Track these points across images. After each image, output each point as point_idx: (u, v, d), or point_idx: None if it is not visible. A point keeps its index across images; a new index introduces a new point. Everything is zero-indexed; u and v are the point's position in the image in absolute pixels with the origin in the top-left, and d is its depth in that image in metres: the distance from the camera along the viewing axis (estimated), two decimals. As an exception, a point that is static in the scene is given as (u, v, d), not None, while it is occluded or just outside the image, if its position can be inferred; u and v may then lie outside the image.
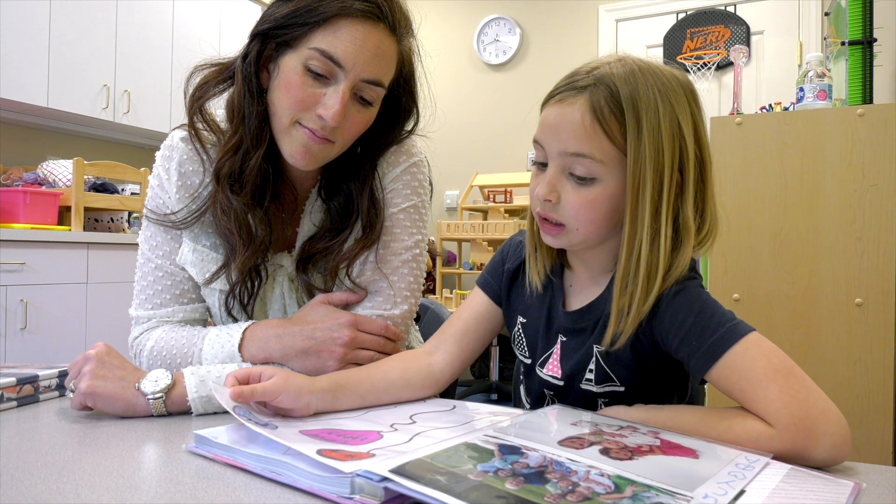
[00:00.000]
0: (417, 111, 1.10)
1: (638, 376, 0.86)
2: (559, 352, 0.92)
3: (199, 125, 1.03)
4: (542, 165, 0.86)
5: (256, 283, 1.04)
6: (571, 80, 0.83)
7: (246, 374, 0.80)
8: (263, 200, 1.03)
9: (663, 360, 0.84)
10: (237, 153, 0.99)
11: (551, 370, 0.93)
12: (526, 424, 0.75)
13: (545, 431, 0.72)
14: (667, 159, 0.79)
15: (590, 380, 0.88)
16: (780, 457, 0.68)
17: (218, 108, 1.05)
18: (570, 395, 0.91)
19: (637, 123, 0.78)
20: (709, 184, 0.84)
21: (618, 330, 0.82)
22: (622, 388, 0.87)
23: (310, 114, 0.95)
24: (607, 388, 0.88)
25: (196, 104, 1.02)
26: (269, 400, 0.78)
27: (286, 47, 0.96)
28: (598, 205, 0.81)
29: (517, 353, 1.01)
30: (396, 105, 1.07)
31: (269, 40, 0.97)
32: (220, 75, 1.03)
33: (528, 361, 0.98)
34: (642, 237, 0.79)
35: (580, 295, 0.92)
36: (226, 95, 1.03)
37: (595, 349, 0.87)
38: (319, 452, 0.61)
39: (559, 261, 0.96)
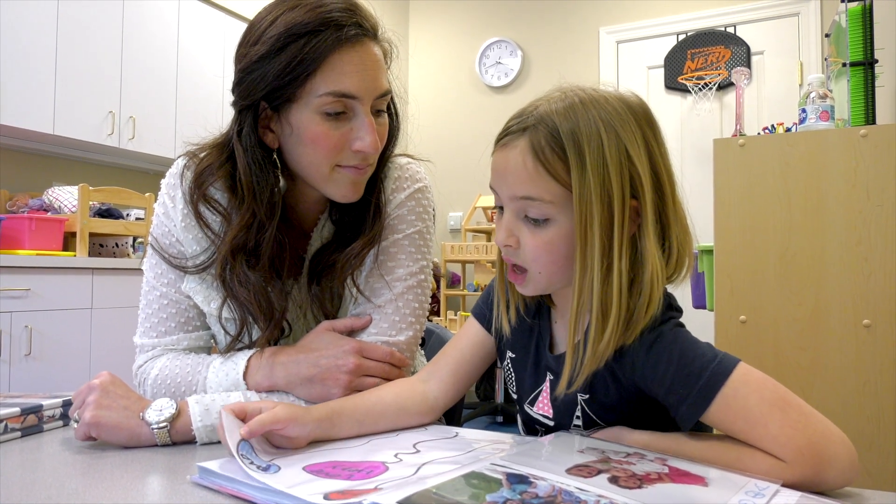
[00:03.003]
0: (396, 109, 1.08)
1: (627, 421, 0.84)
2: (548, 391, 0.90)
3: (204, 210, 1.01)
4: (501, 209, 0.85)
5: (279, 337, 1.04)
6: (514, 121, 0.82)
7: (241, 409, 0.78)
8: (281, 272, 1.02)
9: (652, 402, 0.81)
10: (250, 228, 0.98)
11: (542, 409, 0.91)
12: (532, 452, 0.74)
13: (552, 459, 0.71)
14: (615, 191, 0.76)
15: (578, 425, 0.87)
16: (792, 486, 0.67)
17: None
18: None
19: (580, 159, 0.76)
20: (670, 211, 0.80)
21: (574, 370, 0.80)
22: None
23: (346, 153, 0.96)
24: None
25: (199, 191, 1.01)
26: (278, 428, 0.76)
27: (287, 103, 0.94)
28: (556, 246, 0.80)
29: (507, 386, 1.00)
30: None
31: (261, 105, 0.96)
32: (219, 157, 1.01)
33: (515, 397, 0.97)
34: (594, 274, 0.77)
35: (563, 337, 0.90)
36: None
37: (579, 397, 0.85)
38: (327, 497, 0.60)
39: (542, 300, 0.94)
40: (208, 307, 1.03)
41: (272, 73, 0.91)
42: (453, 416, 1.29)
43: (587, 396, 0.84)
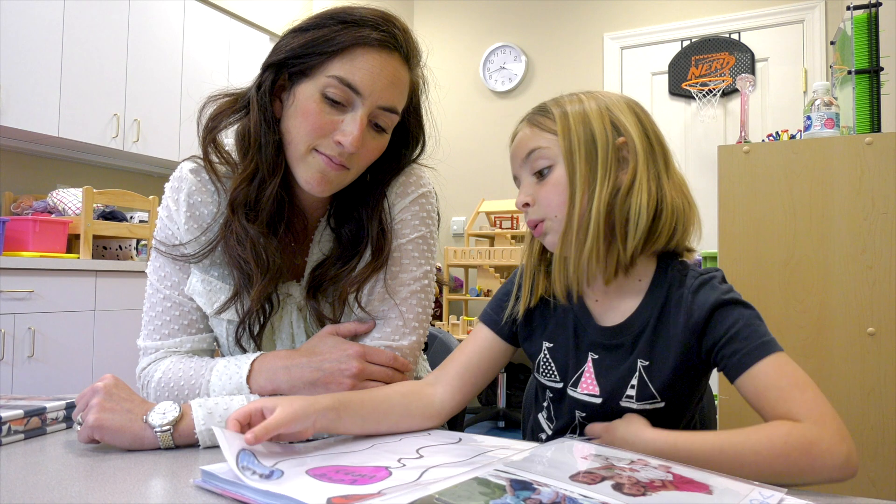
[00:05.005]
0: (424, 139, 1.12)
1: (677, 391, 0.89)
2: (592, 369, 0.93)
3: (213, 156, 1.03)
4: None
5: (268, 312, 1.04)
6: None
7: (246, 413, 0.79)
8: (278, 229, 1.03)
9: (700, 373, 0.90)
10: (252, 182, 1.00)
11: (587, 388, 0.93)
12: (536, 458, 0.74)
13: (556, 465, 0.71)
14: (596, 126, 0.89)
15: (630, 396, 0.89)
16: (795, 462, 0.73)
17: (227, 136, 1.06)
18: (606, 413, 0.91)
19: (562, 111, 0.91)
20: (663, 173, 0.90)
21: (564, 276, 0.93)
22: (662, 404, 0.89)
23: (327, 140, 0.96)
24: (647, 405, 0.89)
25: (210, 135, 1.03)
26: (284, 430, 0.77)
27: (301, 76, 0.97)
28: (560, 186, 0.90)
29: (543, 379, 1.00)
30: (405, 132, 1.09)
31: (284, 70, 0.99)
32: (234, 105, 1.03)
33: (560, 385, 0.98)
34: (576, 196, 0.88)
35: (612, 310, 0.94)
36: (236, 126, 1.04)
37: (639, 364, 0.89)
38: (330, 502, 0.59)
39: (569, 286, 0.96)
40: (210, 309, 1.04)
41: (297, 43, 0.97)
42: (456, 421, 1.29)
43: (648, 363, 0.89)
